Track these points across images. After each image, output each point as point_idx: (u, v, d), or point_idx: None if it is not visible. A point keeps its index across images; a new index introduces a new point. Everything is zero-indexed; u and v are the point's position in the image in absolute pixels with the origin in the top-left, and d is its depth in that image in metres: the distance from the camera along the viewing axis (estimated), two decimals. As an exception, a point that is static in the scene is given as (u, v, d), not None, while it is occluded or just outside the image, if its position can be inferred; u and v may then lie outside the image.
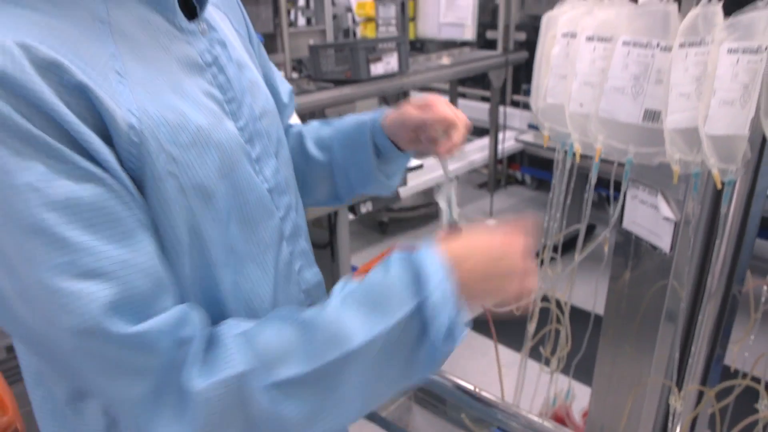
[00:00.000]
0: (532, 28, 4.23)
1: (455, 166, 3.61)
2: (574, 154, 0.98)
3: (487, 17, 4.48)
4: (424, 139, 0.80)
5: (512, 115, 3.97)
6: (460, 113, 0.80)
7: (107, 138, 0.52)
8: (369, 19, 4.36)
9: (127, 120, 0.53)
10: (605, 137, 0.91)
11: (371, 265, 0.63)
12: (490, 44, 4.23)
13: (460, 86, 4.35)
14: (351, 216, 2.48)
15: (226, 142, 0.61)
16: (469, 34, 4.08)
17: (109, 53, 0.54)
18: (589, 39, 0.89)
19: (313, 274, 0.76)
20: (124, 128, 0.52)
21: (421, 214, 3.71)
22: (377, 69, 2.76)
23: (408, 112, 0.80)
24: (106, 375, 0.52)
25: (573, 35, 0.94)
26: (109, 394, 0.54)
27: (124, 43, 0.56)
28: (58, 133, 0.49)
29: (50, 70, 0.49)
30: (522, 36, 4.24)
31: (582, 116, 0.93)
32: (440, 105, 0.79)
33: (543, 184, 4.22)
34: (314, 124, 0.92)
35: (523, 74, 4.30)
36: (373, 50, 2.75)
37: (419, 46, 4.71)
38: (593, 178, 0.97)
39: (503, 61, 3.51)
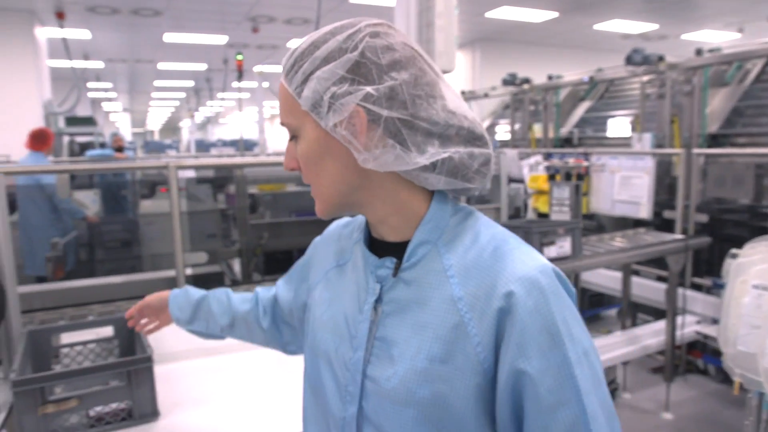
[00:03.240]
0: (716, 210, 4.08)
1: (627, 350, 3.44)
2: (769, 407, 0.96)
3: (664, 196, 4.43)
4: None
5: (693, 299, 3.74)
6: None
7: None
8: (540, 192, 4.54)
9: (303, 290, 1.04)
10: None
11: None
12: (668, 224, 4.14)
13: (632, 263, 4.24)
14: None
15: (318, 344, 0.88)
16: (645, 213, 4.04)
17: (326, 269, 0.94)
18: (784, 298, 0.92)
19: None
20: (303, 289, 1.05)
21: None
22: (550, 252, 2.85)
23: None
24: None
25: (765, 288, 0.97)
26: None
27: (341, 267, 0.91)
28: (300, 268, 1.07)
29: (315, 250, 1.03)
30: (704, 218, 4.10)
31: (778, 372, 0.92)
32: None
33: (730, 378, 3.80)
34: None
35: (706, 257, 4.09)
36: (546, 234, 2.87)
37: (590, 216, 4.74)
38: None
39: (683, 246, 3.40)
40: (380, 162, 0.75)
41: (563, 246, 2.91)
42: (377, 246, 0.84)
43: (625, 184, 4.21)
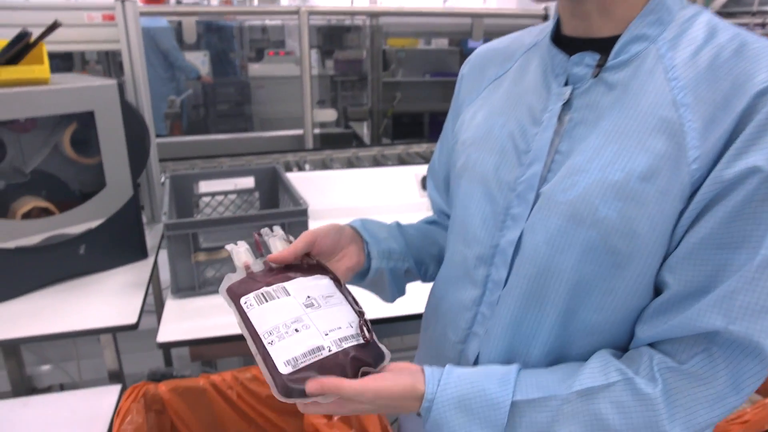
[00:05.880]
0: None
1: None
2: None
3: None
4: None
5: None
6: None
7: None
8: None
9: (459, 111, 0.86)
10: None
11: None
12: None
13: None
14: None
15: (471, 167, 0.76)
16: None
17: (478, 89, 0.82)
18: None
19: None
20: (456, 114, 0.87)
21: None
22: None
23: None
24: None
25: None
26: None
27: (504, 79, 0.79)
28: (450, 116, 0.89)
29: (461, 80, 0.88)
30: None
31: None
32: None
33: None
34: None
35: None
36: None
37: None
38: None
39: None
40: None
41: None
42: (564, 45, 0.70)
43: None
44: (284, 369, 0.61)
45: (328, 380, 0.59)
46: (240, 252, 0.72)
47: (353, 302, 0.70)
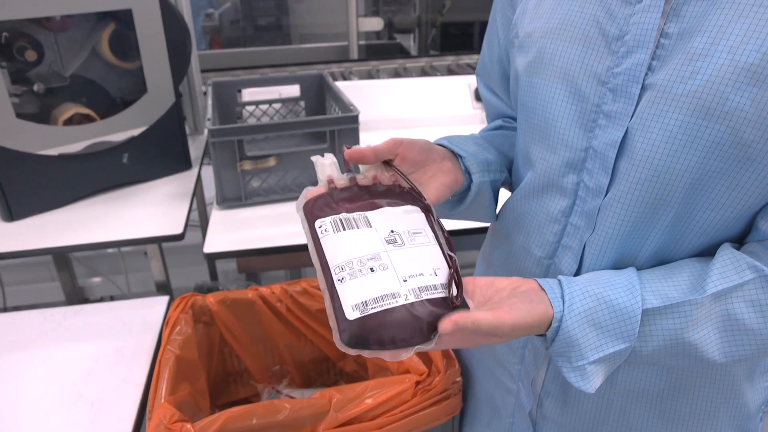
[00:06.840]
0: None
1: None
2: None
3: None
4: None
5: None
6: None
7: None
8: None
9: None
10: None
11: None
12: None
13: None
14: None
15: (547, 62, 0.64)
16: None
17: None
18: None
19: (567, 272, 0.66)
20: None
21: None
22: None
23: None
24: None
25: None
26: None
27: None
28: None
29: None
30: None
31: None
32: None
33: None
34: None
35: None
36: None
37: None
38: None
39: None
40: None
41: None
42: None
43: None
44: (351, 314, 0.52)
45: (461, 316, 0.52)
46: (325, 164, 0.64)
47: (444, 243, 0.60)
